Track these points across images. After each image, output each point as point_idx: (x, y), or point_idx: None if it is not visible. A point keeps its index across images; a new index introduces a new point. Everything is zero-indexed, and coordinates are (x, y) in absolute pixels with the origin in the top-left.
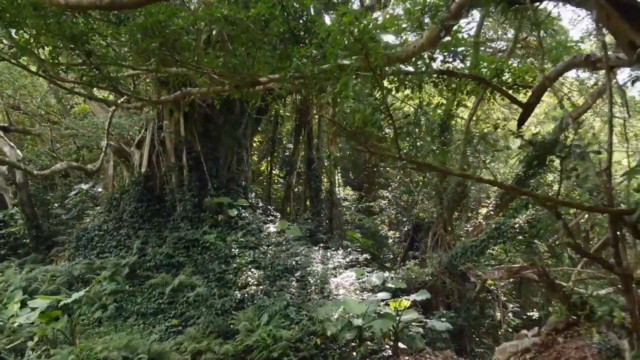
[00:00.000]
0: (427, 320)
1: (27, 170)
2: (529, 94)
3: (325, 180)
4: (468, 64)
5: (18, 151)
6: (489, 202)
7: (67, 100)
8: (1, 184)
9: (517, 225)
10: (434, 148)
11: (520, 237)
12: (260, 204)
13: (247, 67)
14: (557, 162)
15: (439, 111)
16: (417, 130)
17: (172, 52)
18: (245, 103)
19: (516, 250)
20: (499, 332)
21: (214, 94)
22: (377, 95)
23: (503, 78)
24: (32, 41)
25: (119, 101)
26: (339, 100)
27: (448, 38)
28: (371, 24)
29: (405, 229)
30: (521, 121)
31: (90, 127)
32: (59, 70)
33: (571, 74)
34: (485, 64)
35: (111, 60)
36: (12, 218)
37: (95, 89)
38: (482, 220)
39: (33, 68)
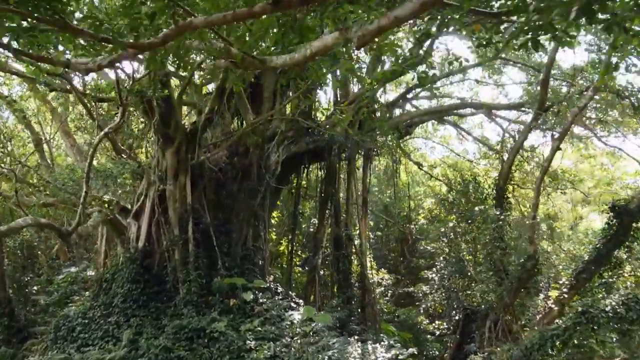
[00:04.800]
0: None
1: None
2: None
3: (356, 262)
4: None
5: None
6: (560, 282)
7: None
8: None
9: (610, 307)
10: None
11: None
12: (280, 289)
13: None
14: None
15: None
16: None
17: None
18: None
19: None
20: None
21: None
22: None
23: None
24: None
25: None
26: None
27: None
28: None
29: (456, 317)
30: None
31: (68, 173)
32: None
33: None
34: None
35: None
36: None
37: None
38: (553, 305)
39: None
